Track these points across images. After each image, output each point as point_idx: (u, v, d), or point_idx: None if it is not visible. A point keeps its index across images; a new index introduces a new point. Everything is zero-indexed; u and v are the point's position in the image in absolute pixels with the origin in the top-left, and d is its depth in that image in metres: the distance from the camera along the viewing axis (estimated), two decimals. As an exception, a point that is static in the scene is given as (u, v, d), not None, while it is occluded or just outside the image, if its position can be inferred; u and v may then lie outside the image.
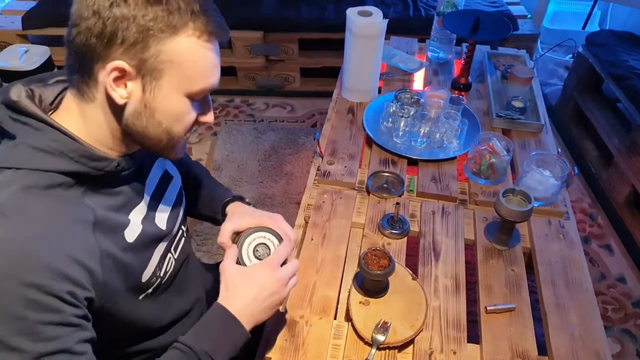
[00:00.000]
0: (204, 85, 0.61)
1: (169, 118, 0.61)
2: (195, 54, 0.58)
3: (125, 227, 0.65)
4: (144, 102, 0.59)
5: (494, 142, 1.12)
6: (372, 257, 0.83)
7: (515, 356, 0.80)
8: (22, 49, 2.17)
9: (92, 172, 0.60)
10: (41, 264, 0.52)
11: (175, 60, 0.57)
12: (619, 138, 1.93)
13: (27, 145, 0.57)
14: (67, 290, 0.54)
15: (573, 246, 0.99)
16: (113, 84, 0.56)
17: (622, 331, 1.50)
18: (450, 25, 1.38)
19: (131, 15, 0.53)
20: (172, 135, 0.63)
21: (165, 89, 0.58)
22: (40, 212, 0.55)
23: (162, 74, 0.57)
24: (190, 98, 0.61)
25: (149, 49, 0.55)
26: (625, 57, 2.03)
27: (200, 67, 0.59)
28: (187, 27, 0.56)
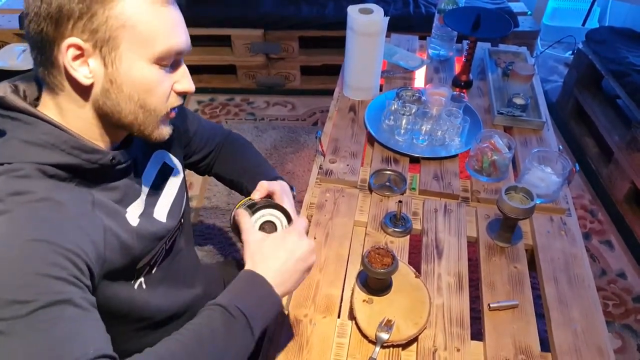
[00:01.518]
0: (167, 46, 0.57)
1: (139, 90, 0.58)
2: (146, 13, 0.55)
3: (125, 214, 0.64)
4: (109, 78, 0.57)
5: (496, 139, 1.12)
6: (375, 256, 0.83)
7: (518, 352, 0.80)
8: (20, 48, 2.16)
9: (85, 165, 0.59)
10: (46, 227, 0.52)
11: (126, 24, 0.54)
12: (619, 134, 1.94)
13: (19, 140, 0.56)
14: (71, 250, 0.52)
15: (575, 243, 1.00)
16: (72, 63, 0.55)
17: (622, 326, 1.51)
18: (451, 23, 1.38)
19: None
20: (148, 108, 0.60)
21: (126, 58, 0.56)
22: (38, 191, 0.54)
23: (118, 42, 0.55)
24: (157, 64, 0.58)
25: (97, 17, 0.53)
26: (625, 53, 2.03)
27: (156, 26, 0.56)
28: None
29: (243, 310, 0.59)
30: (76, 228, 0.55)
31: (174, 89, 0.62)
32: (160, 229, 0.71)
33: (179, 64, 0.62)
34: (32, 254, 0.50)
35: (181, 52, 0.60)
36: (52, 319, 0.49)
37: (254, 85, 2.56)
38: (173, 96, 0.63)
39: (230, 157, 0.97)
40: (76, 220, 0.55)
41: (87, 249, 0.55)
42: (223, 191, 1.96)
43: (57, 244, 0.52)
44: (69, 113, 0.60)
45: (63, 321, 0.49)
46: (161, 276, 0.77)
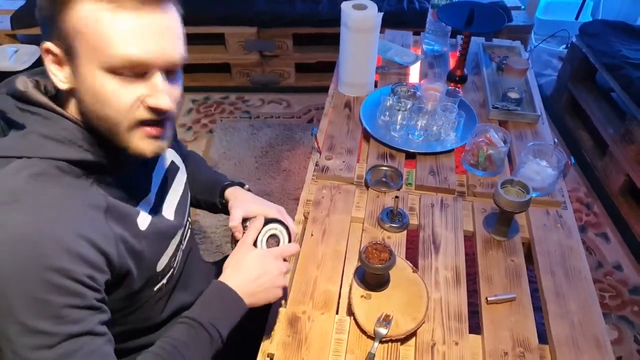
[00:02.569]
0: (122, 54, 0.53)
1: (96, 100, 0.55)
2: (97, 21, 0.52)
3: (136, 216, 0.65)
4: (76, 85, 0.56)
5: (491, 133, 1.13)
6: (372, 251, 0.83)
7: (516, 345, 0.81)
8: (12, 49, 2.15)
9: (102, 161, 0.60)
10: (61, 247, 0.53)
11: (82, 30, 0.53)
12: (614, 127, 1.94)
13: (38, 134, 0.56)
14: (87, 274, 0.54)
15: (571, 235, 1.00)
16: (52, 67, 0.56)
17: (619, 318, 1.52)
18: (445, 18, 1.38)
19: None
20: (106, 120, 0.56)
21: (84, 65, 0.54)
22: (54, 197, 0.55)
23: (77, 49, 0.54)
24: (113, 73, 0.54)
25: (59, 22, 0.54)
26: (619, 46, 2.04)
27: (109, 33, 0.52)
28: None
29: (213, 322, 0.66)
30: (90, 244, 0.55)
31: (144, 102, 0.57)
32: (170, 227, 0.73)
33: (149, 75, 0.56)
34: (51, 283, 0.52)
35: (144, 63, 0.54)
36: (75, 351, 0.54)
37: (248, 83, 2.55)
38: (141, 109, 0.57)
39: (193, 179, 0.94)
40: (89, 234, 0.56)
41: (100, 262, 0.57)
42: (219, 190, 1.96)
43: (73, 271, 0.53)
44: (75, 112, 0.60)
45: (85, 354, 0.54)
46: (178, 277, 0.78)
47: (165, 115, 0.59)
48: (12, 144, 0.57)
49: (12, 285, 0.51)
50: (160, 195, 0.73)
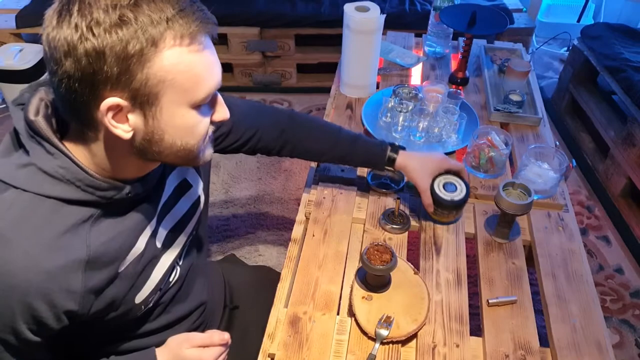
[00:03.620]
0: (207, 90, 0.56)
1: (180, 135, 0.57)
2: (185, 64, 0.52)
3: (124, 256, 0.63)
4: (151, 129, 0.55)
5: (493, 135, 1.13)
6: (374, 253, 0.83)
7: (517, 348, 0.81)
8: (17, 47, 2.15)
9: (100, 201, 0.58)
10: (21, 306, 0.54)
11: (167, 78, 0.52)
12: (615, 130, 1.94)
13: (37, 168, 0.55)
14: (30, 329, 0.56)
15: (572, 238, 1.00)
16: (113, 121, 0.53)
17: (620, 321, 1.52)
18: (447, 20, 1.38)
19: (105, 44, 0.48)
20: (190, 148, 0.59)
21: (167, 109, 0.54)
22: (32, 247, 0.54)
23: (159, 96, 0.53)
24: (196, 108, 0.57)
25: (136, 76, 0.50)
26: (620, 49, 2.04)
27: (195, 74, 0.54)
28: (167, 37, 0.50)
29: None
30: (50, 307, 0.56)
31: (212, 119, 0.61)
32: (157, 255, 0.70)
33: (215, 97, 0.60)
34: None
35: (218, 88, 0.59)
36: None
37: (250, 84, 2.55)
38: (210, 127, 0.61)
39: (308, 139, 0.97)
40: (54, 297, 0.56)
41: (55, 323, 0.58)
42: (220, 188, 1.96)
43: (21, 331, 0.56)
44: (100, 157, 0.58)
45: None
46: (177, 291, 0.77)
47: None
48: (12, 172, 0.55)
49: None
50: (161, 218, 0.71)
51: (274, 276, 0.95)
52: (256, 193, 1.94)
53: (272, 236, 1.78)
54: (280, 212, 1.87)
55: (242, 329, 0.95)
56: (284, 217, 1.85)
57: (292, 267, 0.93)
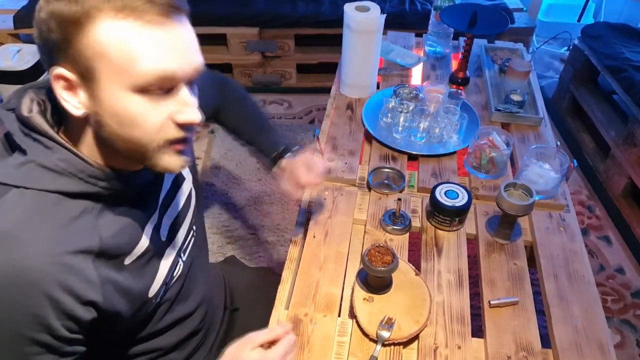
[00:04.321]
0: (150, 72, 0.50)
1: (121, 123, 0.52)
2: (121, 38, 0.48)
3: (130, 250, 0.62)
4: (95, 110, 0.52)
5: (494, 136, 1.12)
6: (375, 254, 0.83)
7: (519, 349, 0.80)
8: (15, 48, 2.15)
9: (102, 192, 0.57)
10: (44, 300, 0.52)
11: (102, 51, 0.49)
12: (616, 130, 1.94)
13: (37, 164, 0.54)
14: (66, 326, 0.54)
15: (574, 239, 1.00)
16: (63, 93, 0.52)
17: (621, 322, 1.52)
18: (448, 20, 1.37)
19: (50, 11, 0.48)
20: (136, 142, 0.54)
21: (106, 89, 0.51)
22: (43, 242, 0.52)
23: (97, 72, 0.50)
24: (141, 92, 0.51)
25: (73, 44, 0.49)
26: (621, 49, 2.04)
27: (133, 50, 0.49)
28: (103, 8, 0.48)
29: None
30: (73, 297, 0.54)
31: (174, 119, 0.54)
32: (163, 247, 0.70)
33: (176, 90, 0.54)
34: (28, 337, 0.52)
35: (173, 77, 0.52)
36: None
37: (250, 84, 2.55)
38: (171, 127, 0.54)
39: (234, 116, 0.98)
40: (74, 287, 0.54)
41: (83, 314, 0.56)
42: (220, 190, 1.96)
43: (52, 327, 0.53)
44: (84, 139, 0.57)
45: None
46: (179, 288, 0.77)
47: (193, 129, 0.57)
48: (11, 172, 0.54)
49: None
50: (163, 211, 0.71)
51: (274, 278, 0.94)
52: (256, 194, 1.94)
53: (273, 237, 1.78)
54: (280, 213, 1.87)
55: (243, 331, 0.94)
56: (284, 218, 1.85)
57: (292, 268, 0.93)
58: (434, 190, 0.98)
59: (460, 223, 0.99)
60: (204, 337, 0.86)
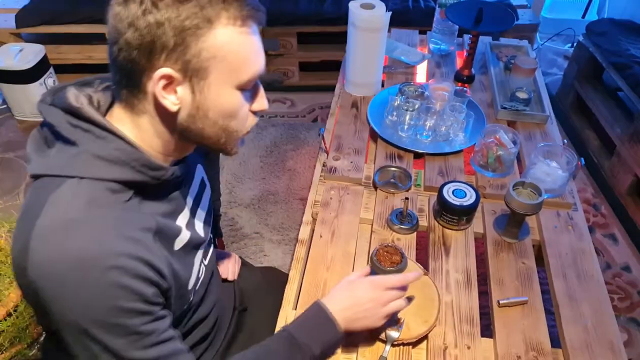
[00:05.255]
0: (252, 72, 0.59)
1: (224, 115, 0.60)
2: (235, 43, 0.56)
3: (177, 235, 0.66)
4: (196, 105, 0.58)
5: (501, 134, 1.11)
6: (383, 254, 0.82)
7: (529, 349, 0.80)
8: (17, 47, 2.15)
9: (151, 182, 0.60)
10: (126, 272, 0.54)
11: (218, 55, 0.55)
12: (621, 127, 1.93)
13: (90, 154, 0.56)
14: (153, 292, 0.57)
15: (582, 237, 0.99)
16: (163, 92, 0.56)
17: (628, 320, 1.51)
18: (453, 17, 1.36)
19: (164, 19, 0.52)
20: (230, 131, 0.62)
21: (214, 86, 0.57)
22: (110, 224, 0.55)
23: (209, 72, 0.56)
24: (240, 89, 0.59)
25: (190, 49, 0.54)
26: (626, 45, 2.02)
27: (244, 55, 0.57)
28: (221, 17, 0.55)
29: (309, 343, 0.68)
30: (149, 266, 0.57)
31: (251, 108, 0.63)
32: (198, 242, 0.74)
33: (257, 85, 0.63)
34: (123, 308, 0.54)
35: (260, 75, 0.61)
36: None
37: (252, 83, 2.54)
38: (251, 116, 0.64)
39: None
40: (147, 257, 0.57)
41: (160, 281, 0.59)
42: (224, 189, 1.95)
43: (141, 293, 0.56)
44: (146, 132, 0.60)
45: None
46: (203, 292, 0.79)
47: None
48: (65, 163, 0.57)
49: (86, 312, 0.53)
50: (194, 209, 0.74)
51: (282, 278, 0.94)
52: (260, 193, 1.93)
53: (277, 236, 1.77)
54: (284, 211, 1.86)
55: (251, 331, 0.94)
56: (288, 217, 1.84)
57: (299, 268, 0.93)
58: (442, 189, 0.98)
59: (468, 222, 0.99)
60: (212, 339, 0.86)
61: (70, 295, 0.52)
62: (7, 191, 1.93)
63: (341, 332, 0.71)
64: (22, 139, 2.20)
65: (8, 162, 2.08)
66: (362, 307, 0.72)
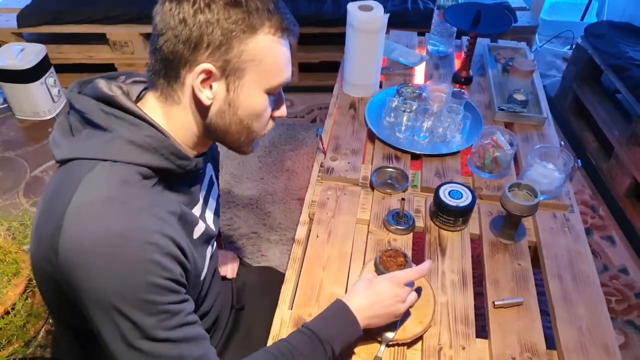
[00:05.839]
0: (281, 79, 0.64)
1: (250, 115, 0.64)
2: (273, 51, 0.61)
3: (196, 224, 0.69)
4: (228, 101, 0.62)
5: (498, 136, 1.12)
6: (387, 259, 0.82)
7: (524, 350, 0.80)
8: (18, 47, 2.15)
9: (176, 170, 0.63)
10: (158, 249, 0.56)
11: (255, 58, 0.60)
12: (619, 129, 1.93)
13: (124, 139, 0.59)
14: (180, 272, 0.59)
15: (578, 239, 0.99)
16: (200, 85, 0.59)
17: (625, 322, 1.51)
18: (452, 19, 1.37)
19: (215, 19, 0.57)
20: (252, 131, 0.66)
21: (247, 86, 0.61)
22: (143, 203, 0.58)
23: (245, 73, 0.60)
24: (268, 94, 0.64)
25: (233, 49, 0.58)
26: (625, 48, 2.03)
27: (278, 62, 0.62)
28: (265, 25, 0.59)
29: (330, 340, 0.70)
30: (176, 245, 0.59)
31: (272, 114, 0.68)
32: (211, 236, 0.76)
33: (280, 93, 0.68)
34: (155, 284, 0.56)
35: (288, 83, 0.66)
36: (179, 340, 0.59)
37: (252, 83, 2.55)
38: (270, 121, 0.69)
39: None
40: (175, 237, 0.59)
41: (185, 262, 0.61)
42: (222, 189, 1.95)
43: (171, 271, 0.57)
44: (176, 123, 0.64)
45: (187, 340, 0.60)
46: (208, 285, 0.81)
47: None
48: (98, 147, 0.59)
49: (119, 288, 0.54)
50: (206, 203, 0.76)
51: (279, 277, 0.94)
52: (258, 193, 1.94)
53: (275, 236, 1.78)
54: (282, 211, 1.86)
55: (247, 330, 0.95)
56: (286, 217, 1.84)
57: (296, 268, 0.93)
58: (438, 190, 0.98)
59: (464, 223, 0.99)
60: (212, 335, 0.86)
61: (106, 270, 0.53)
62: (6, 190, 1.94)
63: (360, 329, 0.73)
64: (22, 138, 2.20)
65: (8, 161, 2.08)
66: (383, 304, 0.74)
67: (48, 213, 0.57)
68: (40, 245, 0.58)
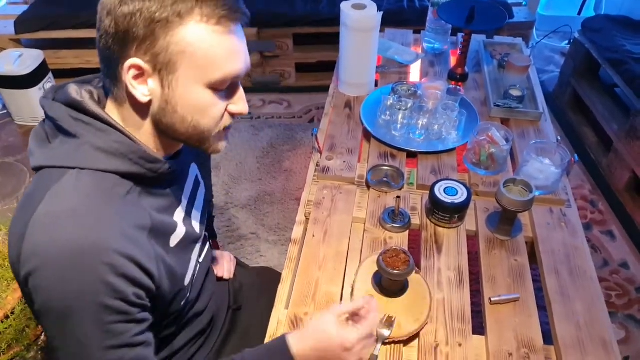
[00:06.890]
0: (224, 73, 0.58)
1: (192, 112, 0.59)
2: (206, 41, 0.56)
3: (173, 231, 0.67)
4: (165, 99, 0.58)
5: (493, 132, 1.11)
6: (390, 260, 0.81)
7: (521, 346, 0.80)
8: (16, 53, 2.16)
9: (148, 174, 0.61)
10: (112, 269, 0.54)
11: (186, 50, 0.55)
12: (618, 123, 1.93)
13: (91, 146, 0.58)
14: (134, 293, 0.56)
15: (576, 234, 0.99)
16: (133, 82, 0.57)
17: (626, 317, 1.50)
18: (445, 16, 1.37)
19: (137, 9, 0.53)
20: (201, 129, 0.61)
21: (182, 82, 0.57)
22: (108, 218, 0.56)
23: (177, 67, 0.56)
24: (212, 88, 0.59)
25: (159, 41, 0.54)
26: (622, 41, 2.02)
27: (215, 54, 0.57)
28: (194, 13, 0.54)
29: None
30: (137, 265, 0.57)
31: (228, 110, 0.63)
32: (194, 238, 0.74)
33: (235, 87, 0.63)
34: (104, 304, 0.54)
35: (238, 77, 0.61)
36: None
37: (249, 84, 2.55)
38: (226, 117, 0.63)
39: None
40: (137, 256, 0.57)
41: (146, 281, 0.59)
42: (220, 190, 1.96)
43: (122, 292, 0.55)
44: (130, 124, 0.62)
45: None
46: (200, 288, 0.80)
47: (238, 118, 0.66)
48: (66, 155, 0.58)
49: (69, 303, 0.53)
50: (189, 205, 0.75)
51: (277, 277, 0.94)
52: (256, 194, 1.94)
53: (273, 237, 1.78)
54: (281, 212, 1.87)
55: (244, 330, 0.95)
56: (284, 217, 1.84)
57: (292, 268, 0.93)
58: (433, 187, 0.98)
59: (460, 220, 0.99)
60: (208, 335, 0.86)
61: (58, 283, 0.53)
62: (6, 195, 1.94)
63: None
64: (21, 144, 2.21)
65: (8, 167, 2.09)
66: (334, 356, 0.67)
67: (16, 221, 0.57)
68: (10, 251, 0.57)
